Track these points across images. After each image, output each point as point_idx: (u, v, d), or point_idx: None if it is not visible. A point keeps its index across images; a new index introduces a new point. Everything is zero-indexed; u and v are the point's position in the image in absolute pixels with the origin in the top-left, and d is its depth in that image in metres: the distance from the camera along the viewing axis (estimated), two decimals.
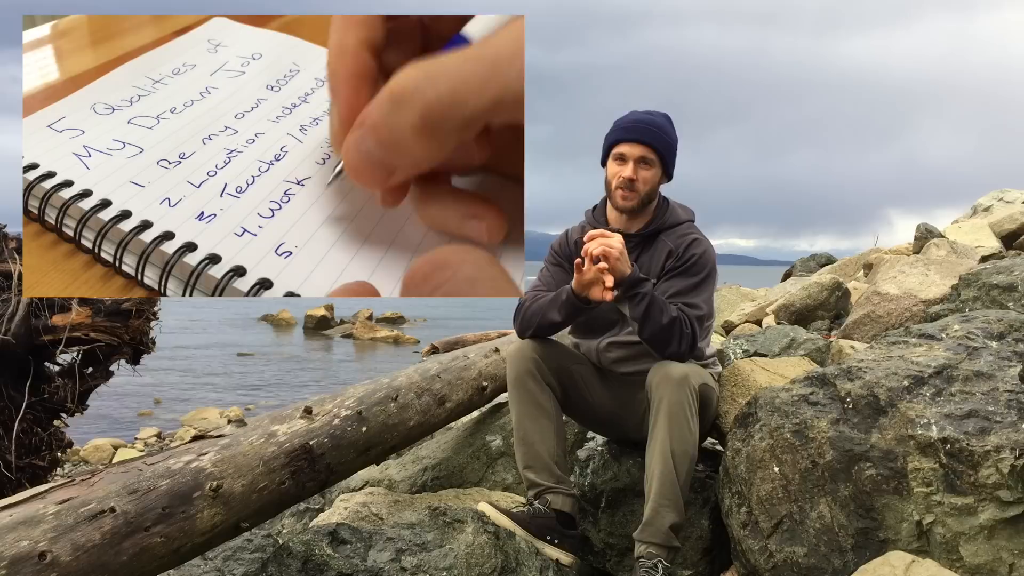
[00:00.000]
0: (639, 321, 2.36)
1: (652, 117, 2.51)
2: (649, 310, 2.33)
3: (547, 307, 2.49)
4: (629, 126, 2.48)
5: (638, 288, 2.34)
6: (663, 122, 2.51)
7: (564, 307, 2.45)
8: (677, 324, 2.35)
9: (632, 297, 2.35)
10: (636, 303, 2.35)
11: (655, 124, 2.49)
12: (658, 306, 2.34)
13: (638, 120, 2.49)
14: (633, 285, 2.34)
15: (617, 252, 2.30)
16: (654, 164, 2.47)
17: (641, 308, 2.34)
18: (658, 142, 2.47)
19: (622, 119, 2.52)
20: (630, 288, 2.34)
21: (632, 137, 2.46)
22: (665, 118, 2.53)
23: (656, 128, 2.48)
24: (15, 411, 3.51)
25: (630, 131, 2.47)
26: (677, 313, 2.36)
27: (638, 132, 2.46)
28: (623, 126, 2.49)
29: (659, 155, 2.47)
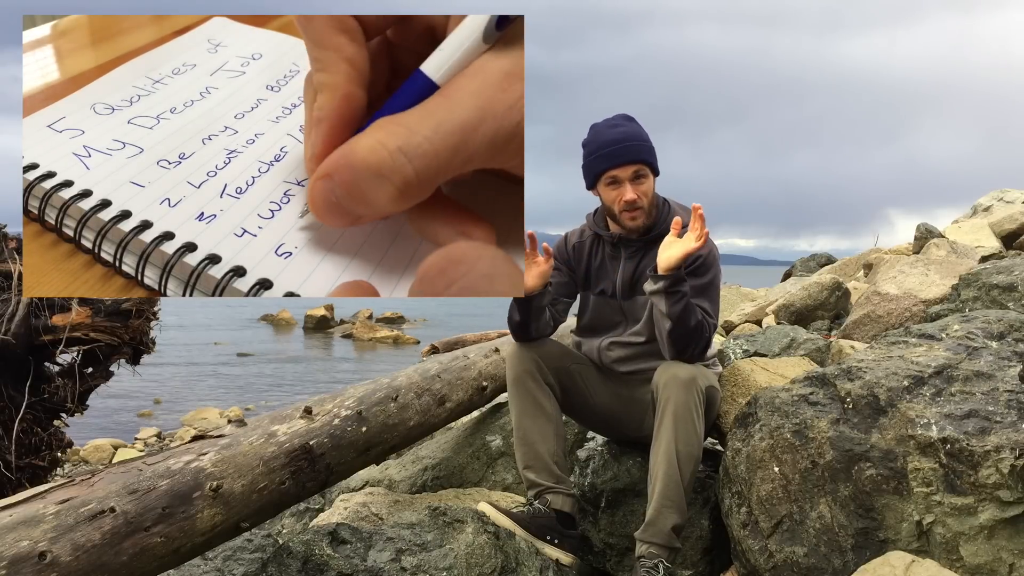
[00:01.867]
0: (673, 319, 2.32)
1: (624, 130, 2.45)
2: (685, 309, 2.31)
3: (510, 311, 2.53)
4: (612, 151, 2.42)
5: (681, 286, 2.31)
6: (634, 129, 2.46)
7: (514, 305, 2.50)
8: (701, 328, 2.35)
9: (673, 293, 2.31)
10: (676, 300, 2.31)
11: (631, 136, 2.44)
12: (691, 307, 2.33)
13: (615, 140, 2.43)
14: (677, 282, 2.31)
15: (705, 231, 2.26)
16: (646, 175, 2.46)
17: (679, 307, 2.31)
18: (643, 153, 2.44)
19: (596, 142, 2.46)
20: (675, 283, 2.30)
21: (620, 161, 2.42)
22: (630, 120, 2.49)
23: (634, 140, 2.43)
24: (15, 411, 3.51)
25: (615, 156, 2.42)
26: (702, 316, 2.36)
27: (623, 154, 2.42)
28: (606, 152, 2.43)
29: (647, 164, 2.45)
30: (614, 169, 2.43)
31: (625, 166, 2.43)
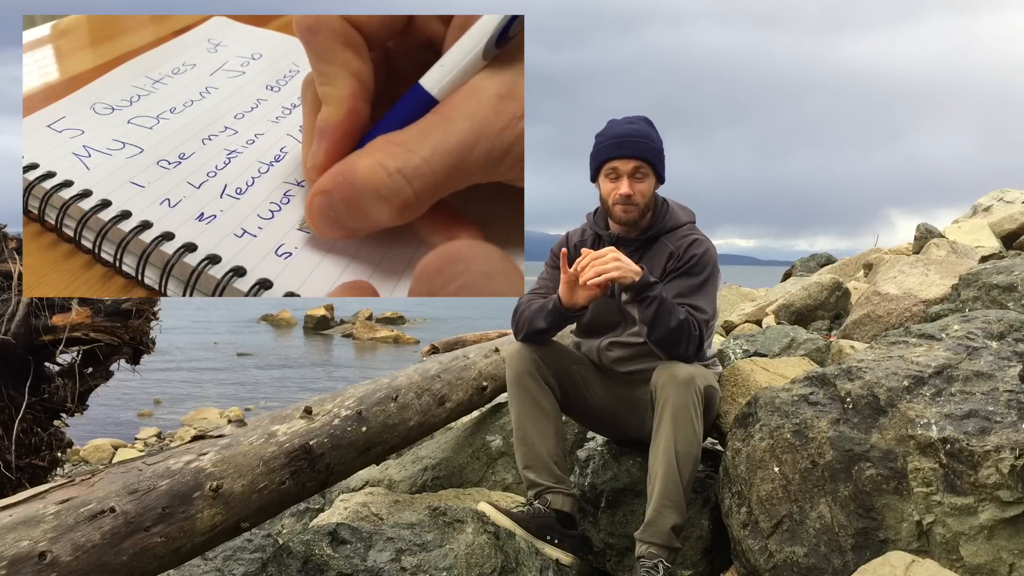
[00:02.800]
0: (648, 324, 2.34)
1: (636, 127, 2.47)
2: (658, 313, 2.32)
3: (536, 314, 2.49)
4: (618, 141, 2.44)
5: (647, 292, 2.32)
6: (647, 129, 2.48)
7: (549, 316, 2.45)
8: (685, 327, 2.34)
9: (642, 301, 2.33)
10: (645, 306, 2.33)
11: (641, 134, 2.45)
12: (667, 309, 2.33)
13: (624, 134, 2.45)
14: (643, 289, 2.32)
15: (613, 270, 2.27)
16: (647, 175, 2.46)
17: (651, 312, 2.33)
18: (648, 153, 2.44)
19: (607, 134, 2.49)
20: (640, 292, 2.32)
21: (622, 153, 2.43)
22: (647, 123, 2.51)
23: (643, 138, 2.45)
24: (15, 411, 3.51)
25: (620, 147, 2.44)
26: (685, 315, 2.36)
27: (628, 147, 2.44)
28: (611, 142, 2.46)
29: (650, 164, 2.46)
30: (616, 160, 2.44)
31: (627, 159, 2.43)
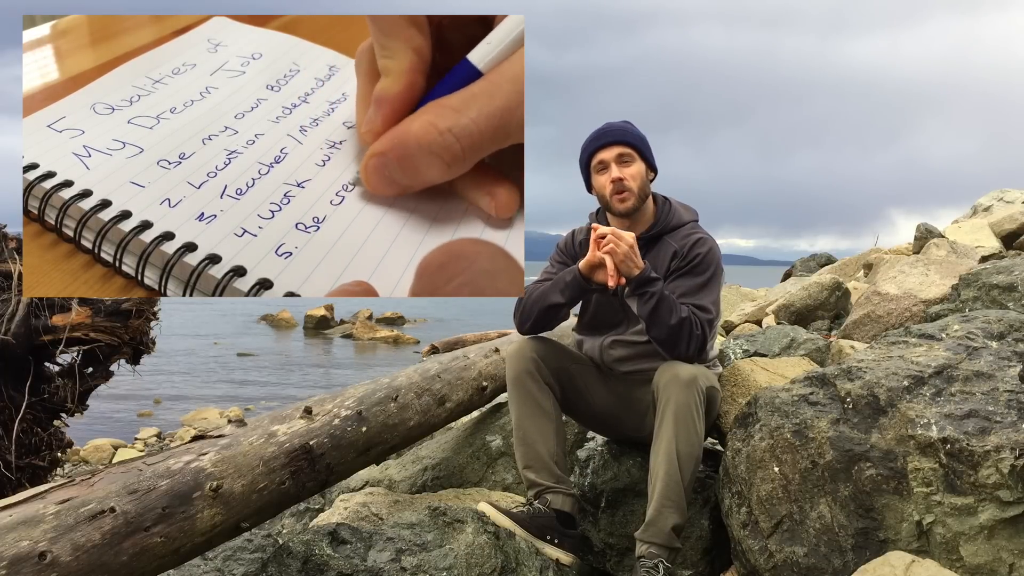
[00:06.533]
0: (647, 320, 2.36)
1: (612, 123, 2.58)
2: (657, 309, 2.33)
3: (550, 290, 2.50)
4: (597, 135, 2.56)
5: (647, 287, 2.34)
6: (625, 124, 2.58)
7: (569, 287, 2.47)
8: (686, 325, 2.35)
9: (641, 295, 2.35)
10: (644, 301, 2.35)
11: (617, 126, 2.56)
12: (667, 305, 2.34)
13: (602, 128, 2.57)
14: (642, 284, 2.34)
15: (622, 253, 2.32)
16: (633, 159, 2.51)
17: (649, 307, 2.34)
18: (628, 137, 2.53)
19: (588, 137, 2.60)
20: (639, 286, 2.34)
21: (603, 142, 2.53)
22: (625, 122, 2.61)
23: (620, 128, 2.55)
24: (15, 411, 3.51)
25: (599, 138, 2.54)
26: (687, 314, 2.36)
27: (606, 136, 2.54)
28: (591, 138, 2.57)
29: (635, 149, 2.51)
30: (599, 152, 2.52)
31: (610, 147, 2.51)
